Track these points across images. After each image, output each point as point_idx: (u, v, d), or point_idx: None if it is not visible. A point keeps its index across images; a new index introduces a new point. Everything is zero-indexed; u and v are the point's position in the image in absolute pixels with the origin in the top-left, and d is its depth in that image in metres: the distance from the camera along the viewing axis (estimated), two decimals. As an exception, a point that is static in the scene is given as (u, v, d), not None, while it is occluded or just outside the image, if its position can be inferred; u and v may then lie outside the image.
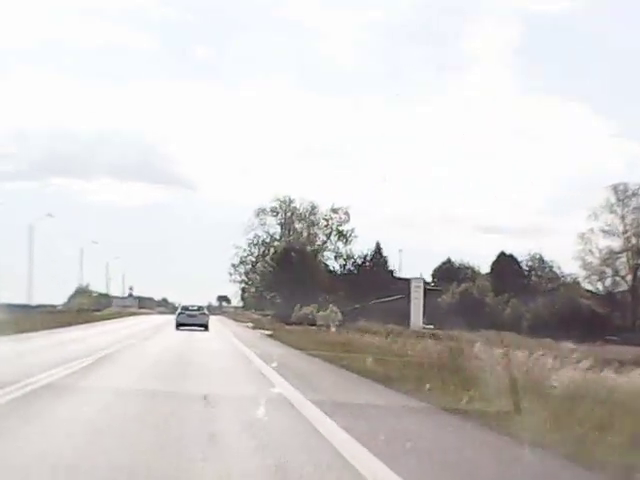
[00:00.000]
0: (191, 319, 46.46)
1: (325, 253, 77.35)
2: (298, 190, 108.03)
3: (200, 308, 49.25)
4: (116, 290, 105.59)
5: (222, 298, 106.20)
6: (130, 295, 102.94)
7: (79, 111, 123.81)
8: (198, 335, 38.62)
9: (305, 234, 76.60)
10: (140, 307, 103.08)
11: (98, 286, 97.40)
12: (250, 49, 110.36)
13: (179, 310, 49.28)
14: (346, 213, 77.55)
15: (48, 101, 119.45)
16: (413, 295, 59.73)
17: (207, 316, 48.46)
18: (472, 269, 76.77)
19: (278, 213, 78.89)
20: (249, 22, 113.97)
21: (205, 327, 45.61)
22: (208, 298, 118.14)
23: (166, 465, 7.00)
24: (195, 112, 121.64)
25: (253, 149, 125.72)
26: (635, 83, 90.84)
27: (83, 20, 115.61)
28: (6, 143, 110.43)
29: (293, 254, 69.54)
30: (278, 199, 78.64)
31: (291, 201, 78.59)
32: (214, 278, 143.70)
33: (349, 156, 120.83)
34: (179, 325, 45.34)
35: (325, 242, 77.59)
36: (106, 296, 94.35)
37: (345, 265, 77.40)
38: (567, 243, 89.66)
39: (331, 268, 77.24)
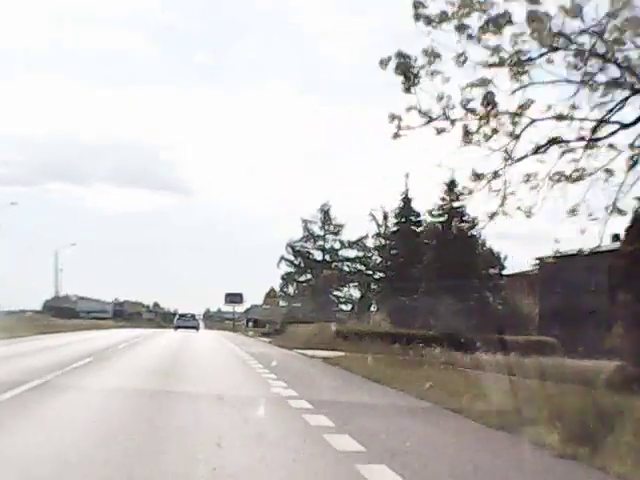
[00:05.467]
0: (186, 322, 59.90)
1: None
2: (303, 198, 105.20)
3: (192, 315, 64.51)
4: (93, 294, 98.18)
5: (233, 297, 67.42)
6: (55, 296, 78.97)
7: (79, 117, 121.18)
8: None
9: None
10: (116, 315, 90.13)
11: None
12: (252, 54, 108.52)
13: (177, 316, 64.41)
14: None
15: (48, 106, 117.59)
16: None
17: (197, 321, 64.25)
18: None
19: None
20: (250, 27, 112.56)
21: (196, 328, 58.73)
22: (208, 304, 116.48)
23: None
24: (197, 118, 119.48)
25: (254, 155, 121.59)
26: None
27: (84, 26, 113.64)
28: (5, 148, 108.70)
29: None
30: None
31: None
32: (213, 284, 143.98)
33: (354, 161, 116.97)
34: (177, 327, 57.36)
35: None
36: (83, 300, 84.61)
37: None
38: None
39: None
